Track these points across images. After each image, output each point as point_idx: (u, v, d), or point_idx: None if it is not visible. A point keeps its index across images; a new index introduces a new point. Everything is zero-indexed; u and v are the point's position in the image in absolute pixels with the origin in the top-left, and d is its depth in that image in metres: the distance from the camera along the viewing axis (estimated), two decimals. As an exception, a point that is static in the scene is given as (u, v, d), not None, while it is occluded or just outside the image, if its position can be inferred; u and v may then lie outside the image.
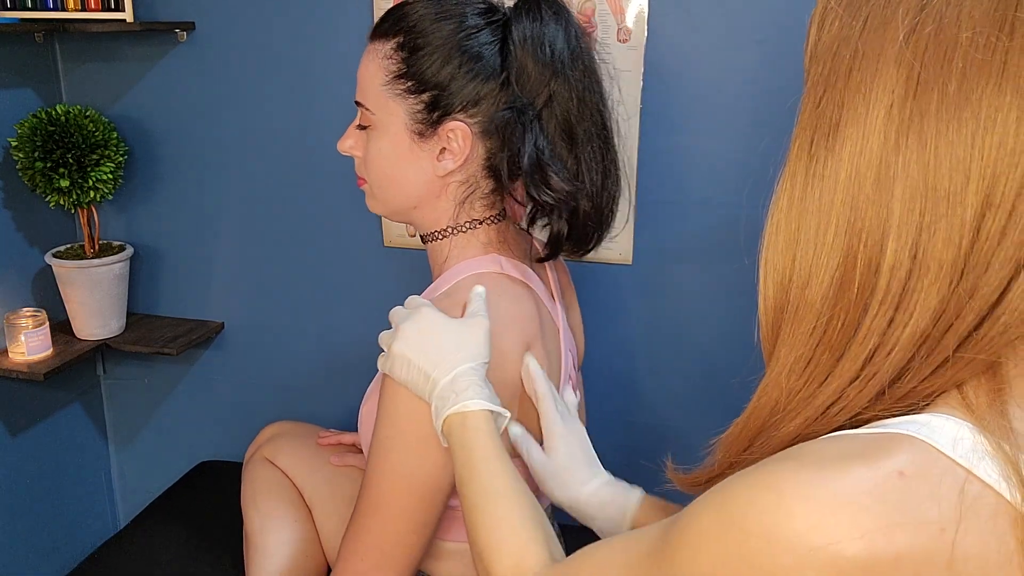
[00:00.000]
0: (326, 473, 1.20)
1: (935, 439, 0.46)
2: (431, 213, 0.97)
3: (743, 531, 0.46)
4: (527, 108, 0.89)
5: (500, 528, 0.73)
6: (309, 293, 1.63)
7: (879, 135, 0.48)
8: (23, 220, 1.58)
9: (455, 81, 0.89)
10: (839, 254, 0.50)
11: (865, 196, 0.48)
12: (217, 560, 1.34)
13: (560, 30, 0.90)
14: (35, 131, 1.44)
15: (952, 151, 0.46)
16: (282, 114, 1.54)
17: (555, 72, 0.89)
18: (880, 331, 0.49)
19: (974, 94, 0.45)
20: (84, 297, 1.56)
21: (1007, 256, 0.46)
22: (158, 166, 1.64)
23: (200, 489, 1.59)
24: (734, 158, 1.36)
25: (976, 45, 0.45)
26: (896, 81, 0.48)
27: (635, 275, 1.46)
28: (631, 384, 1.52)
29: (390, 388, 0.85)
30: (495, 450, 0.77)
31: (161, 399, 1.80)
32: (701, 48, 1.34)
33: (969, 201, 0.46)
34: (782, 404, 0.54)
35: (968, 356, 0.48)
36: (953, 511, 0.44)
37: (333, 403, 1.67)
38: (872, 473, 0.45)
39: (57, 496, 1.73)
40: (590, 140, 0.93)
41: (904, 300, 0.48)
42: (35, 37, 1.55)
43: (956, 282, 0.47)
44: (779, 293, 0.53)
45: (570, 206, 0.93)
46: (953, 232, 0.46)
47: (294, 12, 1.48)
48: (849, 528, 0.44)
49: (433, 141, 0.92)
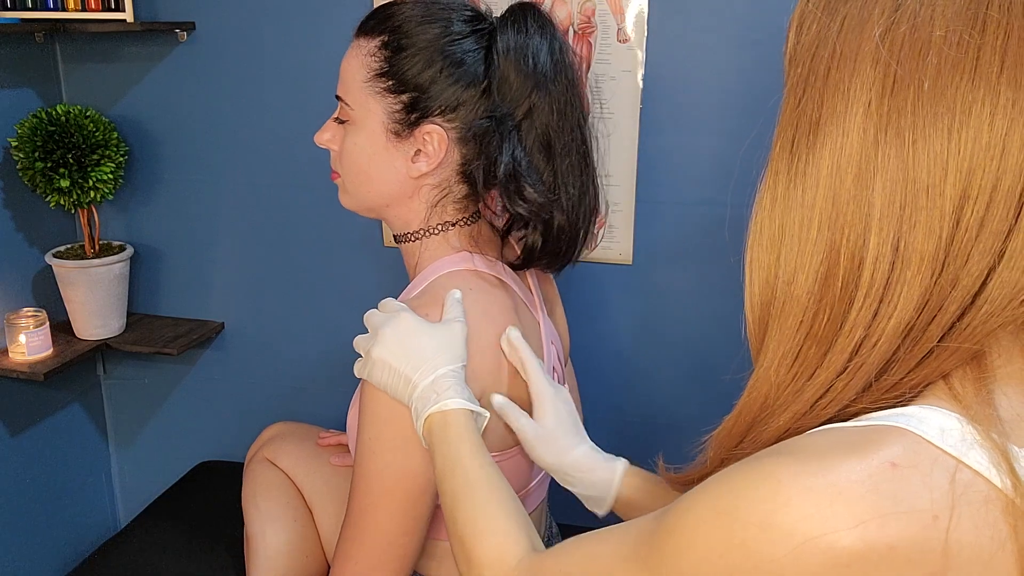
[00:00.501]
0: (326, 473, 1.20)
1: (924, 430, 0.47)
2: (403, 213, 0.97)
3: (739, 520, 0.47)
4: (506, 118, 0.90)
5: (482, 519, 0.74)
6: (309, 293, 1.64)
7: (858, 132, 0.49)
8: (23, 220, 1.58)
9: (435, 84, 0.90)
10: (823, 249, 0.51)
11: (846, 192, 0.50)
12: (217, 560, 1.34)
13: (544, 43, 0.90)
14: (35, 131, 1.44)
15: (929, 146, 0.47)
16: (282, 114, 1.54)
17: (537, 84, 0.90)
18: (865, 323, 0.50)
19: (948, 90, 0.47)
20: (84, 297, 1.56)
21: (986, 247, 0.47)
22: (158, 166, 1.64)
23: (200, 489, 1.59)
24: (734, 158, 1.36)
25: (949, 43, 0.47)
26: (873, 79, 0.49)
27: (635, 275, 1.46)
28: (631, 384, 1.52)
29: (370, 392, 0.85)
30: (475, 446, 0.78)
31: (161, 399, 1.80)
32: (701, 48, 1.34)
33: (948, 194, 0.47)
34: (772, 399, 0.55)
35: (953, 346, 0.49)
36: (945, 499, 0.45)
37: (333, 403, 1.67)
38: (865, 464, 0.46)
39: (57, 496, 1.73)
40: (568, 154, 0.93)
41: (888, 292, 0.49)
42: (35, 37, 1.55)
43: (938, 273, 0.48)
44: (765, 290, 0.54)
45: (544, 219, 0.93)
46: (933, 224, 0.47)
47: (294, 12, 1.49)
48: (844, 518, 0.44)
49: (409, 142, 0.92)
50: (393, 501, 0.85)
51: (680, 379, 1.50)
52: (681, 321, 1.47)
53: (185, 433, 1.81)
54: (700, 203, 1.40)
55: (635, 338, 1.50)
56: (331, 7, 1.46)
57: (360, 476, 0.87)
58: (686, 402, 1.51)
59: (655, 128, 1.39)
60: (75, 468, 1.78)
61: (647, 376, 1.52)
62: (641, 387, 1.52)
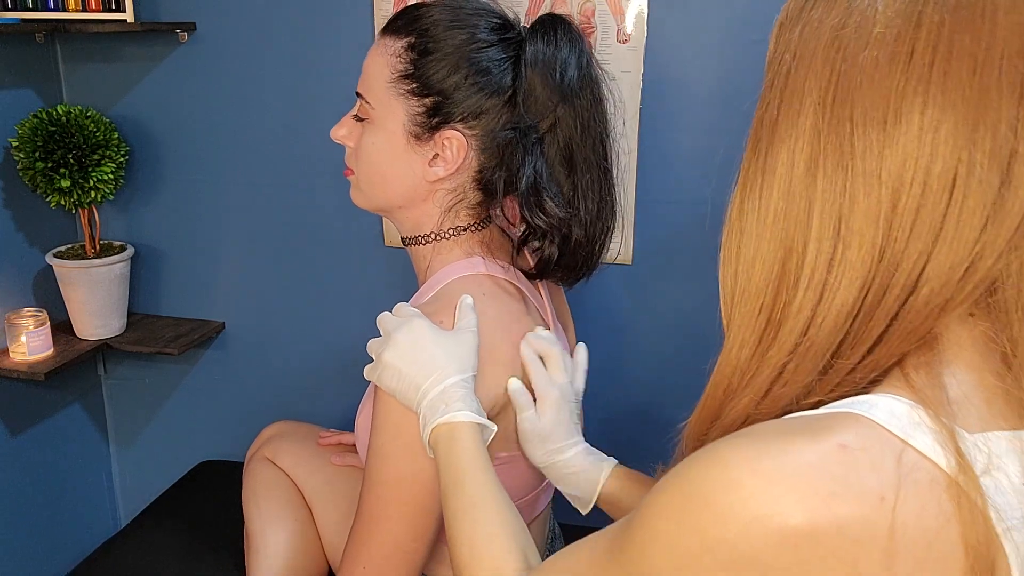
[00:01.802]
0: (327, 473, 1.20)
1: (874, 414, 0.49)
2: (415, 216, 0.96)
3: (692, 504, 0.49)
4: (530, 130, 0.89)
5: (480, 539, 0.75)
6: (310, 293, 1.64)
7: (810, 128, 0.52)
8: (24, 220, 1.58)
9: (459, 91, 0.89)
10: (778, 238, 0.54)
11: (797, 182, 0.53)
12: (217, 560, 1.34)
13: (573, 57, 0.90)
14: (36, 131, 1.45)
15: (866, 135, 0.50)
16: (283, 114, 1.55)
17: (563, 98, 0.89)
18: (812, 304, 0.52)
19: (885, 81, 0.49)
20: (85, 297, 1.56)
21: (922, 230, 0.49)
22: (159, 166, 1.64)
23: (200, 489, 1.59)
24: (734, 158, 1.36)
25: (887, 38, 0.49)
26: (822, 76, 0.52)
27: (635, 275, 1.47)
28: (630, 384, 1.53)
29: (383, 398, 0.85)
30: (480, 462, 0.79)
31: (162, 399, 1.80)
32: (701, 48, 1.35)
33: (884, 180, 0.49)
34: (734, 383, 0.57)
35: (900, 328, 0.51)
36: (891, 480, 0.46)
37: (333, 403, 1.67)
38: (815, 447, 0.47)
39: (58, 496, 1.73)
40: (589, 169, 0.93)
41: (831, 274, 0.51)
42: (36, 37, 1.55)
43: (878, 256, 0.50)
44: (730, 282, 0.58)
45: (562, 232, 0.93)
46: (871, 209, 0.50)
47: (295, 13, 1.49)
48: (792, 498, 0.46)
49: (428, 146, 0.92)
50: (403, 507, 0.85)
51: (679, 379, 1.50)
52: (681, 321, 1.47)
53: (185, 433, 1.81)
54: (700, 203, 1.40)
55: (635, 338, 1.50)
56: (331, 8, 1.47)
57: (371, 482, 0.87)
58: (685, 402, 1.50)
59: (655, 128, 1.39)
60: (75, 468, 1.78)
61: (646, 376, 1.52)
62: (640, 387, 1.52)
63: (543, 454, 0.89)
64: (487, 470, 0.79)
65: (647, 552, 0.52)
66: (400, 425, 0.84)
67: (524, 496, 0.98)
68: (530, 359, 0.90)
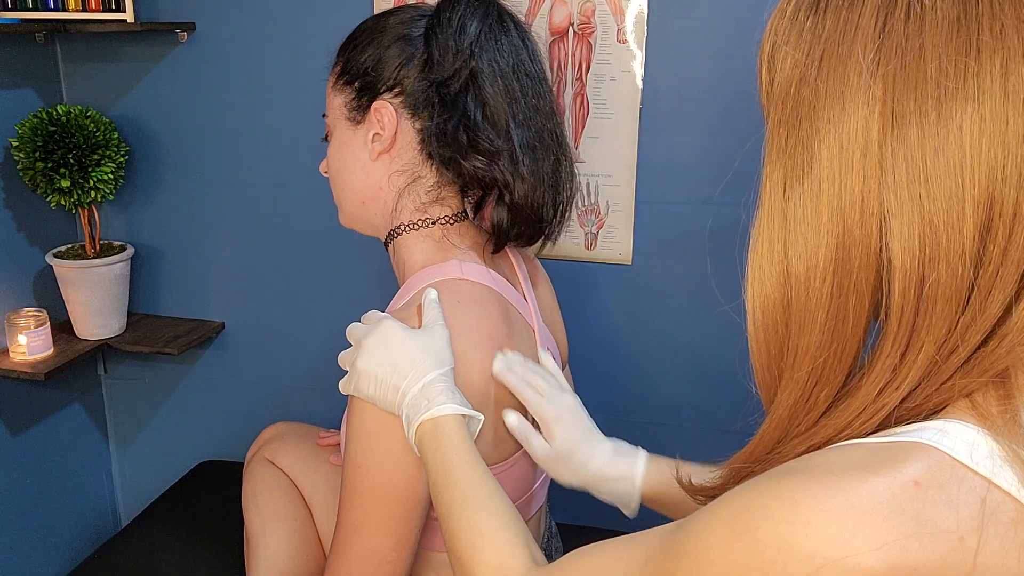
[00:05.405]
0: (326, 473, 1.20)
1: (950, 446, 0.46)
2: (379, 210, 0.98)
3: (757, 542, 0.46)
4: (450, 81, 0.90)
5: (480, 532, 0.72)
6: (309, 293, 1.64)
7: (859, 175, 0.48)
8: (24, 220, 1.58)
9: (379, 64, 0.94)
10: (828, 293, 0.50)
11: (850, 232, 0.48)
12: (217, 560, 1.34)
13: (480, 10, 0.92)
14: (36, 131, 1.45)
15: (942, 184, 0.46)
16: (282, 114, 1.54)
17: (475, 49, 0.91)
18: (892, 367, 0.49)
19: (953, 122, 0.46)
20: (85, 297, 1.56)
21: (1008, 277, 0.46)
22: (159, 166, 1.64)
23: (200, 489, 1.59)
24: (734, 158, 1.36)
25: (946, 73, 0.46)
26: (869, 117, 0.48)
27: (635, 275, 1.47)
28: (630, 384, 1.52)
29: (356, 406, 0.84)
30: (469, 454, 0.77)
31: (162, 399, 1.80)
32: (701, 48, 1.34)
33: (968, 230, 0.46)
34: (790, 432, 0.54)
35: (976, 371, 0.48)
36: (973, 520, 0.44)
37: (333, 403, 1.67)
38: (887, 483, 0.44)
39: (58, 496, 1.73)
40: (529, 121, 0.93)
41: (914, 335, 0.48)
42: (36, 37, 1.55)
43: (962, 308, 0.47)
44: (771, 332, 0.53)
45: (503, 183, 0.91)
46: (954, 261, 0.46)
47: (295, 13, 1.49)
48: (866, 540, 0.43)
49: (365, 126, 0.95)
50: (381, 517, 0.84)
51: (679, 379, 1.50)
52: (680, 321, 1.47)
53: (185, 433, 1.81)
54: (700, 203, 1.40)
55: (634, 338, 1.50)
56: (331, 8, 1.47)
57: (347, 492, 0.85)
58: (685, 402, 1.51)
59: (655, 128, 1.39)
60: (76, 468, 1.78)
61: (646, 376, 1.52)
62: (640, 387, 1.52)
63: (570, 475, 0.88)
64: (476, 463, 0.77)
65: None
66: (373, 432, 0.83)
67: (519, 499, 0.98)
68: (519, 386, 0.88)
